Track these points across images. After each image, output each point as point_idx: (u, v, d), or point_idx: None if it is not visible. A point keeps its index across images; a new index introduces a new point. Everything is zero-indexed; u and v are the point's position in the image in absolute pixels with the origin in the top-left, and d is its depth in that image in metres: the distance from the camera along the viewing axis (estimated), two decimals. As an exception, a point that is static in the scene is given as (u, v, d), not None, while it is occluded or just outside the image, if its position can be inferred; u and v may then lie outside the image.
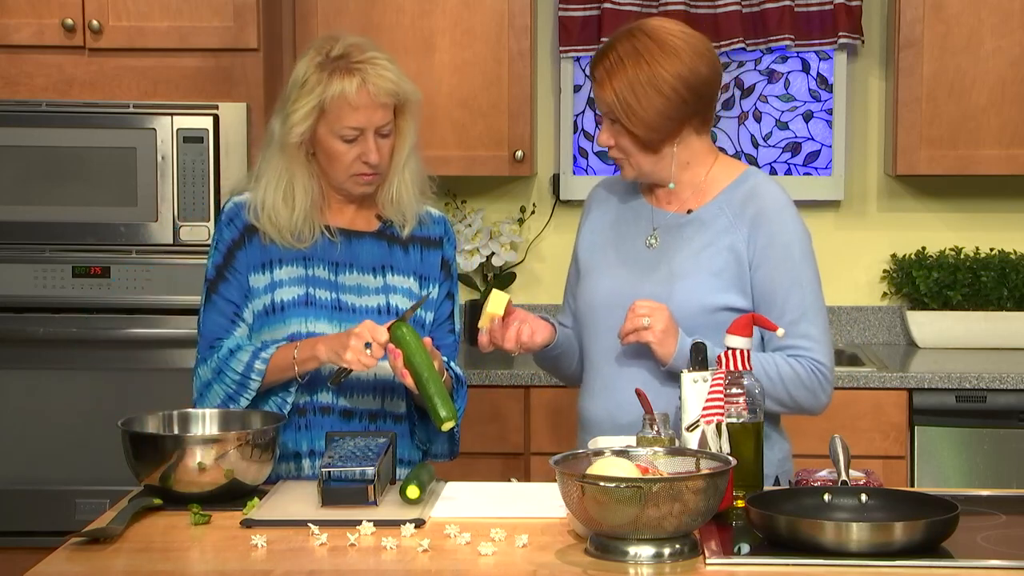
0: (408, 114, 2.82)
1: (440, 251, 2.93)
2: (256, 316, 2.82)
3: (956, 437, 4.03)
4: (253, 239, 2.82)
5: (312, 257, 2.83)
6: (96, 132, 3.96)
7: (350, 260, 2.85)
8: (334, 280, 2.83)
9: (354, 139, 2.76)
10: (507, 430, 4.09)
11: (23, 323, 3.98)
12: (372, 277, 2.86)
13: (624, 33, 2.77)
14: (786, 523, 2.23)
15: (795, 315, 2.74)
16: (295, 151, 2.78)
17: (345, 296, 2.83)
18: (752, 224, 2.76)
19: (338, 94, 2.73)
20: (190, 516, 2.47)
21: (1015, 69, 4.28)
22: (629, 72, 2.70)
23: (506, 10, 4.32)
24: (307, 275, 2.82)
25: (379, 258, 2.87)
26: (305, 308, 2.80)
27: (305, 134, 2.77)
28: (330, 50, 2.77)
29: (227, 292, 2.82)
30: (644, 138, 2.73)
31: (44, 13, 4.02)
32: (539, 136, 4.64)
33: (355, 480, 2.52)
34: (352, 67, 2.74)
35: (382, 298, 2.85)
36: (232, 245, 2.83)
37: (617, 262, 2.84)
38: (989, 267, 4.48)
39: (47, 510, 3.98)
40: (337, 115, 2.74)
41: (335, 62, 2.75)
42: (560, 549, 2.29)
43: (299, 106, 2.75)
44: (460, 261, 4.55)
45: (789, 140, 4.67)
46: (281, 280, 2.81)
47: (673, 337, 2.67)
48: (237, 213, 2.85)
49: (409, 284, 2.88)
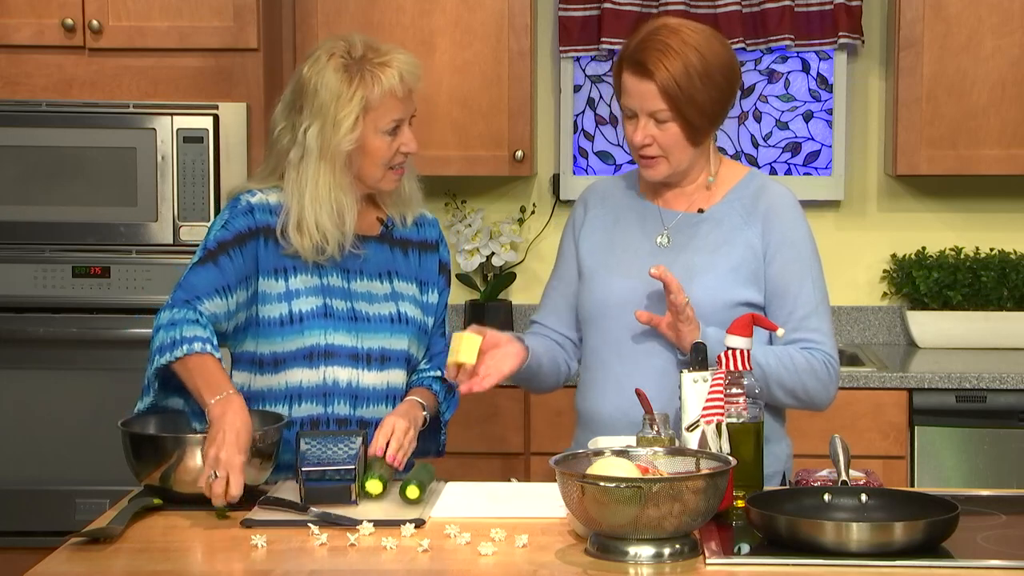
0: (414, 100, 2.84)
1: (437, 254, 2.94)
2: (271, 324, 2.77)
3: (956, 437, 4.03)
4: (270, 242, 2.78)
5: (325, 264, 2.80)
6: (96, 132, 3.96)
7: (360, 266, 2.83)
8: (347, 288, 2.82)
9: (394, 131, 2.76)
10: (507, 430, 4.09)
11: (23, 323, 3.99)
12: (380, 283, 2.85)
13: (659, 27, 2.77)
14: (786, 523, 2.24)
15: (806, 310, 2.78)
16: (344, 162, 2.74)
17: (359, 305, 2.81)
18: (765, 220, 2.80)
19: (386, 90, 2.72)
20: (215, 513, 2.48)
21: (1015, 69, 4.29)
22: (684, 60, 2.70)
23: (506, 10, 4.33)
24: (323, 284, 2.79)
25: (385, 263, 2.86)
26: (324, 320, 2.78)
27: (356, 141, 2.73)
28: (350, 52, 2.75)
29: (226, 266, 2.73)
30: (697, 125, 2.73)
31: (44, 13, 4.02)
32: (539, 136, 4.64)
33: (337, 480, 2.53)
34: (384, 62, 2.74)
35: (392, 305, 2.84)
36: (245, 233, 2.76)
37: (627, 261, 2.84)
38: (989, 267, 4.48)
39: (47, 510, 3.98)
40: (383, 111, 2.73)
41: (364, 62, 2.73)
42: (560, 549, 2.29)
43: (345, 113, 2.71)
44: (460, 261, 4.55)
45: (789, 140, 4.67)
46: (298, 290, 2.77)
47: (696, 326, 2.71)
48: (261, 209, 2.78)
49: (412, 291, 2.88)
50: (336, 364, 2.78)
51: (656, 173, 2.81)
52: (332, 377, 2.78)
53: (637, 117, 2.76)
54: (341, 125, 2.72)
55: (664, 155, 2.78)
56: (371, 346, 2.80)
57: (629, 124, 2.78)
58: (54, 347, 3.98)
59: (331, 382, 2.78)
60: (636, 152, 2.80)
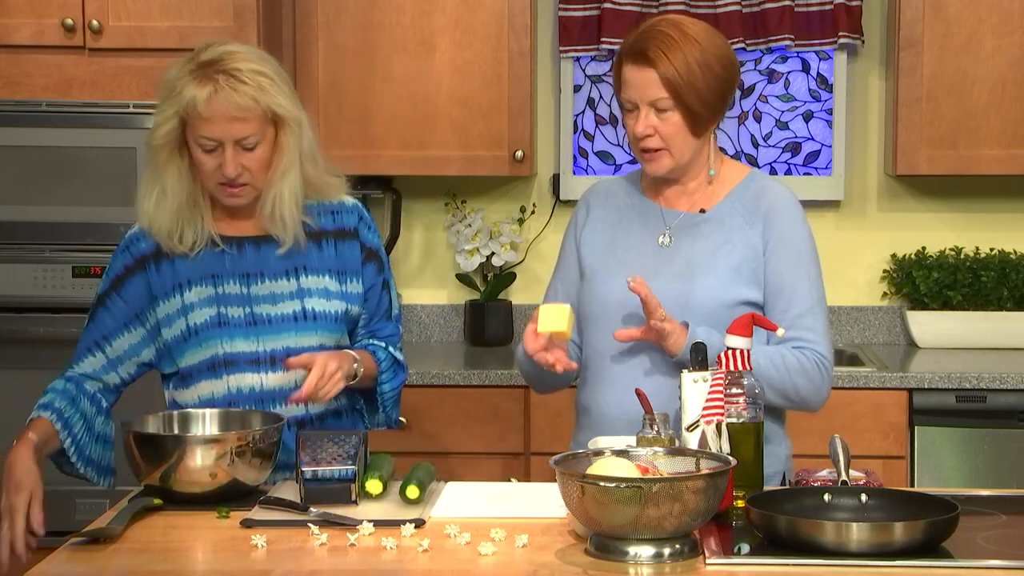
0: (287, 130, 2.71)
1: (357, 240, 2.87)
2: (174, 342, 2.77)
3: (956, 437, 4.03)
4: (161, 263, 2.77)
5: (221, 273, 2.77)
6: (96, 132, 3.96)
7: (260, 268, 2.79)
8: (246, 293, 2.78)
9: (213, 149, 2.67)
10: (507, 430, 4.09)
11: (23, 323, 3.98)
12: (286, 281, 2.80)
13: (659, 20, 2.80)
14: (786, 523, 2.24)
15: (801, 309, 2.78)
16: (161, 153, 2.71)
17: (259, 308, 2.78)
18: (766, 218, 2.81)
19: (189, 102, 2.64)
20: (216, 513, 2.49)
21: (1015, 69, 4.28)
22: (684, 49, 2.72)
23: (506, 10, 4.32)
24: (217, 293, 2.77)
25: (290, 260, 2.80)
26: (219, 329, 2.76)
27: (168, 137, 2.69)
28: (203, 54, 2.68)
29: (102, 319, 2.79)
30: (698, 114, 2.74)
31: (44, 13, 4.02)
32: (539, 136, 4.64)
33: (337, 480, 2.53)
34: (211, 76, 2.64)
35: (297, 303, 2.79)
36: (123, 274, 2.79)
37: (628, 260, 2.84)
38: (989, 267, 4.48)
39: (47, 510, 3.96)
40: (193, 124, 2.66)
41: (202, 68, 2.66)
42: (560, 549, 2.29)
43: (163, 108, 2.68)
44: (460, 261, 4.55)
45: (789, 140, 4.67)
46: (192, 303, 2.76)
47: (682, 332, 2.70)
48: (136, 240, 2.80)
49: (325, 283, 2.82)
50: (237, 372, 2.76)
51: (659, 167, 2.81)
52: (236, 385, 2.76)
53: (637, 109, 2.76)
54: (155, 117, 2.70)
55: (666, 147, 2.78)
56: (274, 347, 2.77)
57: (630, 117, 2.79)
58: (54, 347, 3.97)
59: (235, 390, 2.76)
60: (637, 145, 2.80)
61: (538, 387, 2.97)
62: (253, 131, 2.67)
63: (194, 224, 2.75)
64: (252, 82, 2.65)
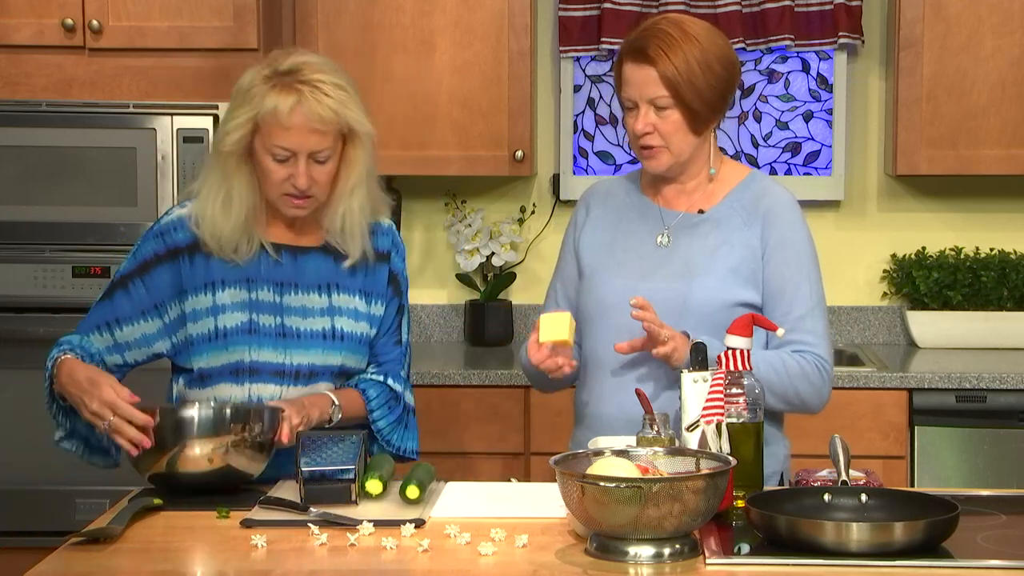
0: (358, 144, 2.72)
1: (387, 264, 2.86)
2: (198, 339, 2.76)
3: (956, 437, 4.03)
4: (196, 257, 2.76)
5: (256, 279, 2.76)
6: (96, 132, 3.96)
7: (295, 279, 2.78)
8: (279, 302, 2.77)
9: (286, 159, 2.67)
10: (507, 430, 4.09)
11: (23, 323, 3.98)
12: (318, 296, 2.79)
13: (660, 19, 2.81)
14: (786, 523, 2.23)
15: (802, 311, 2.78)
16: (231, 160, 2.70)
17: (290, 320, 2.77)
18: (765, 220, 2.81)
19: (271, 111, 2.64)
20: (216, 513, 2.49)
21: (1015, 69, 4.28)
22: (685, 48, 2.72)
23: (506, 10, 4.32)
24: (251, 299, 2.76)
25: (325, 275, 2.80)
26: (248, 336, 2.75)
27: (239, 144, 2.68)
28: (280, 63, 2.68)
29: (120, 301, 2.77)
30: (697, 111, 2.74)
31: (44, 13, 4.02)
32: (539, 136, 4.64)
33: (337, 480, 2.52)
34: (294, 85, 2.64)
35: (327, 320, 2.79)
36: (151, 260, 2.77)
37: (626, 261, 2.84)
38: (989, 267, 4.48)
39: (47, 510, 3.98)
40: (269, 132, 2.65)
41: (280, 76, 2.66)
42: (560, 549, 2.29)
43: (236, 115, 2.68)
44: (460, 261, 4.55)
45: (789, 140, 4.67)
46: (224, 304, 2.75)
47: (683, 344, 2.70)
48: (173, 229, 2.78)
49: (355, 304, 2.81)
50: (260, 381, 2.76)
51: (658, 164, 2.81)
52: (257, 394, 2.75)
53: (637, 107, 2.77)
54: (226, 124, 2.69)
55: (665, 145, 2.78)
56: (300, 362, 2.77)
57: (630, 116, 2.79)
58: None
59: (255, 398, 2.75)
60: (637, 143, 2.80)
61: (542, 388, 2.98)
62: (328, 144, 2.68)
63: (250, 233, 2.74)
64: (335, 95, 2.66)
